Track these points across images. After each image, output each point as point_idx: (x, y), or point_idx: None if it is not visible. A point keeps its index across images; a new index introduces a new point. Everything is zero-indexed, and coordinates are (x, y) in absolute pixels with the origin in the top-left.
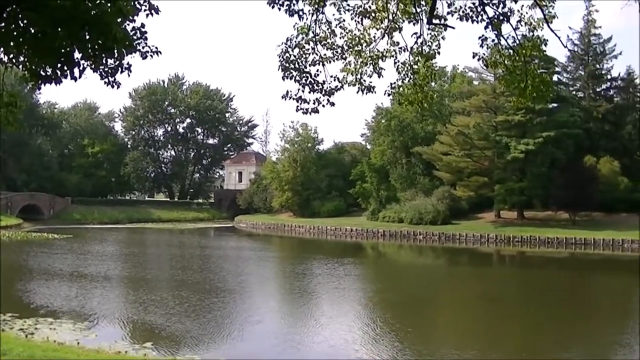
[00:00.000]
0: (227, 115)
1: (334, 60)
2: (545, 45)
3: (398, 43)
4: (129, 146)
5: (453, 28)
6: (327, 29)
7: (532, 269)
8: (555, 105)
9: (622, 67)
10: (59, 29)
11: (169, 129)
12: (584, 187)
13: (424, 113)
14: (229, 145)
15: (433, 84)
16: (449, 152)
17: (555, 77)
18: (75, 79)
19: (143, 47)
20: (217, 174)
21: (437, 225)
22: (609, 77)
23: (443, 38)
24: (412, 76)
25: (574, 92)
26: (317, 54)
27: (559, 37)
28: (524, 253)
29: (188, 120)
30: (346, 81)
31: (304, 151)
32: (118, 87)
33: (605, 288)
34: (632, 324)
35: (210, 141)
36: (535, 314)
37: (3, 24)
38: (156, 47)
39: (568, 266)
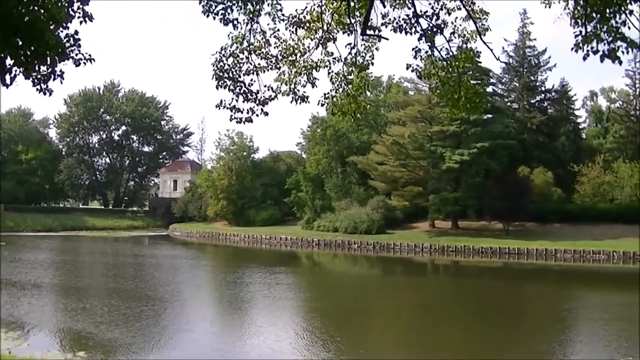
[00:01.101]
0: (162, 123)
1: (268, 70)
2: (478, 57)
3: (332, 53)
4: (63, 153)
5: (387, 39)
6: (262, 39)
7: (466, 278)
8: (490, 116)
9: (556, 79)
10: None
11: (104, 136)
12: (518, 198)
13: (359, 123)
14: (164, 153)
15: (369, 93)
16: (384, 162)
17: (490, 89)
18: (7, 86)
19: (76, 54)
20: (152, 181)
21: (371, 235)
22: (543, 89)
23: (377, 49)
24: (345, 87)
25: (508, 104)
26: (251, 64)
27: (491, 50)
28: (458, 262)
29: (123, 127)
30: (280, 91)
31: (240, 160)
32: (50, 94)
33: (536, 297)
34: (559, 333)
35: (146, 149)
36: (469, 323)
37: None
38: (89, 55)
39: (501, 276)
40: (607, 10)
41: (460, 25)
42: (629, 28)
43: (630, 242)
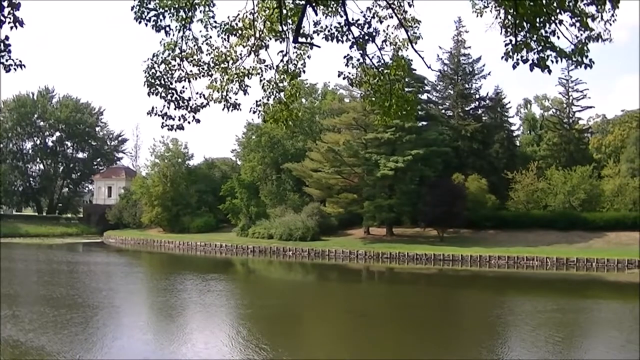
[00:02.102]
0: (97, 129)
1: (200, 77)
2: (410, 65)
3: (264, 61)
4: None
5: (319, 47)
6: (194, 46)
7: (401, 284)
8: (424, 123)
9: (490, 87)
10: None
11: (38, 142)
12: (452, 205)
13: (294, 130)
14: (98, 160)
15: (304, 100)
16: (319, 169)
17: (425, 96)
18: None
19: (7, 60)
20: (87, 188)
21: (306, 242)
22: (477, 96)
23: (309, 57)
24: (277, 94)
25: (443, 111)
26: (183, 71)
27: (422, 58)
28: (393, 269)
29: (57, 133)
30: (212, 98)
31: (174, 166)
32: None
33: (470, 303)
34: (489, 338)
35: (80, 155)
36: (402, 329)
37: None
38: (20, 61)
39: (436, 282)
40: (537, 20)
41: (392, 33)
42: (558, 37)
43: (563, 249)
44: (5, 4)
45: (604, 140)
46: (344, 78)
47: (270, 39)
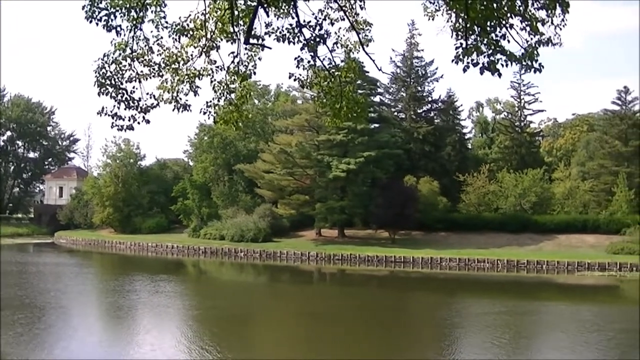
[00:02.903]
0: (48, 129)
1: (150, 78)
2: (361, 68)
3: (215, 62)
4: None
5: (270, 48)
6: (145, 46)
7: (352, 286)
8: (377, 125)
9: (443, 90)
10: None
11: None
12: (404, 207)
13: (246, 131)
14: (50, 160)
15: (257, 101)
16: (271, 170)
17: (377, 98)
18: None
19: None
20: (38, 188)
21: (258, 243)
22: (430, 99)
23: (260, 58)
24: (228, 95)
25: (396, 113)
26: (133, 71)
27: (373, 61)
28: (345, 271)
29: (8, 133)
30: (162, 99)
31: (126, 167)
32: None
33: (420, 305)
34: (436, 340)
35: (31, 155)
36: (352, 330)
37: None
38: None
39: (387, 284)
40: (488, 24)
41: (344, 35)
42: (509, 41)
43: (514, 251)
44: None
45: (555, 143)
46: (295, 80)
47: (222, 40)
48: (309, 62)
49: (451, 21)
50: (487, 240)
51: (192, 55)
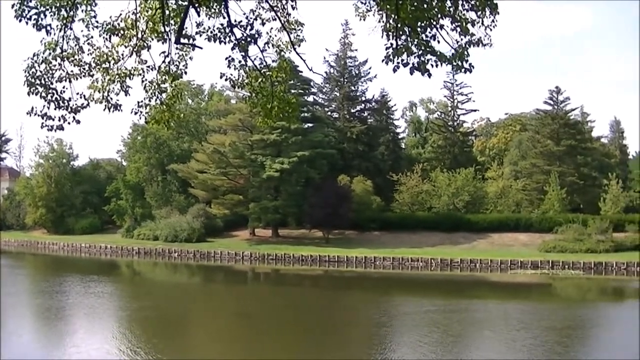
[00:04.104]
0: None
1: (81, 77)
2: (293, 68)
3: (146, 61)
4: None
5: (201, 48)
6: (75, 46)
7: (286, 286)
8: (310, 125)
9: (376, 90)
10: None
11: None
12: (338, 206)
13: (180, 131)
14: None
15: (190, 101)
16: (205, 170)
17: (311, 98)
18: None
19: None
20: None
21: (192, 243)
22: (363, 98)
23: (191, 58)
24: (159, 95)
25: (329, 113)
26: (64, 70)
27: (304, 60)
28: (279, 271)
29: None
30: (93, 98)
31: (59, 167)
32: None
33: (353, 304)
34: (368, 339)
35: None
36: (285, 330)
37: None
38: None
39: (321, 283)
40: (418, 24)
41: (275, 36)
42: (439, 42)
43: (447, 250)
44: None
45: (488, 143)
46: (226, 79)
47: (153, 39)
48: (240, 62)
49: (382, 21)
50: (420, 239)
51: (123, 54)
